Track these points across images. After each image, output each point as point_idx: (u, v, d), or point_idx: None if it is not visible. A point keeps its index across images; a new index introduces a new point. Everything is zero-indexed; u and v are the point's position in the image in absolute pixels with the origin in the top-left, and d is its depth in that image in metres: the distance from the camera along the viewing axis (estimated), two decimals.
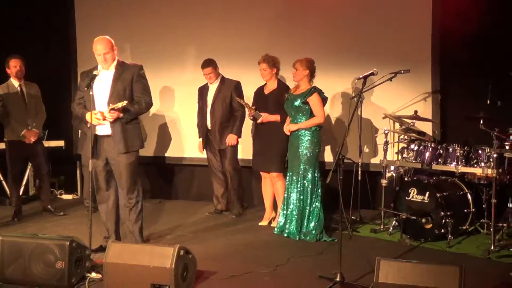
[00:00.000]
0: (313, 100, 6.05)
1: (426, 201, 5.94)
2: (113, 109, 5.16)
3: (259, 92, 6.79)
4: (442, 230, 5.78)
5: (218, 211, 7.32)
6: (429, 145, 6.12)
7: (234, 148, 7.08)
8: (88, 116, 5.22)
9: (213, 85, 7.11)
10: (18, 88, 7.02)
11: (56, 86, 7.56)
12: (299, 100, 6.09)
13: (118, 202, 5.53)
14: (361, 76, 5.31)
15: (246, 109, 6.74)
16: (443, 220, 5.76)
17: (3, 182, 8.09)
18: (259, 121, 6.55)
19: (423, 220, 5.84)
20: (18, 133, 6.92)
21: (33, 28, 8.31)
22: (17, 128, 6.92)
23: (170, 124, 8.30)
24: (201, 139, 7.27)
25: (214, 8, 7.98)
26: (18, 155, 7.07)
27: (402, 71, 6.37)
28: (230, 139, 6.98)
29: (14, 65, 6.97)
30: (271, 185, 6.67)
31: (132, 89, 5.38)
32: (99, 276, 4.60)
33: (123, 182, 5.41)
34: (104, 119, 5.19)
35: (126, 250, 4.49)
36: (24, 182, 8.14)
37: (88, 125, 5.28)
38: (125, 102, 5.16)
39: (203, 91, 7.22)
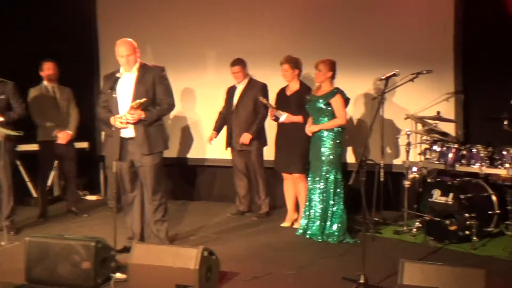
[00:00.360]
0: (336, 101, 6.04)
1: (450, 203, 5.90)
2: (132, 107, 5.20)
3: (281, 93, 6.79)
4: (466, 232, 5.73)
5: (240, 212, 7.33)
6: (452, 146, 6.09)
7: (259, 150, 7.08)
8: (112, 120, 5.28)
9: (240, 85, 7.13)
10: (51, 91, 7.17)
11: (79, 88, 7.62)
12: (322, 102, 6.08)
13: (143, 204, 5.58)
14: (383, 77, 5.29)
15: (269, 108, 6.75)
16: (467, 222, 5.71)
17: (28, 183, 8.19)
18: (281, 120, 6.55)
19: (447, 222, 5.81)
20: (50, 133, 7.04)
21: (58, 32, 8.39)
22: (50, 129, 7.04)
23: (192, 125, 8.33)
24: (214, 132, 7.34)
25: (234, 8, 7.98)
26: (50, 156, 7.20)
27: (425, 72, 6.34)
28: (244, 137, 6.99)
29: (47, 68, 7.15)
30: (293, 186, 6.67)
31: (155, 91, 5.41)
32: (124, 276, 4.64)
33: (148, 183, 5.46)
34: (127, 123, 5.24)
35: (150, 251, 4.54)
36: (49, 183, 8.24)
37: (113, 129, 5.33)
38: (144, 99, 5.20)
39: (230, 91, 7.24)
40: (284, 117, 6.51)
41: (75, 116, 7.31)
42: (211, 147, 7.94)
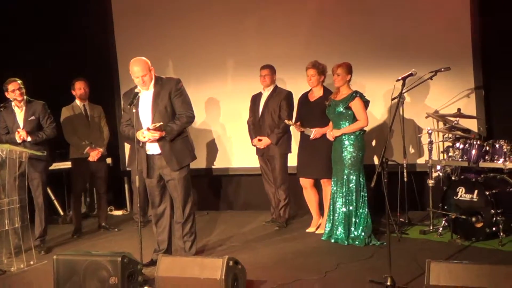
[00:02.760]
0: (356, 104, 6.03)
1: (475, 200, 5.84)
2: (152, 129, 5.25)
3: (304, 99, 6.73)
4: (494, 229, 5.68)
5: (274, 219, 7.21)
6: (475, 142, 6.03)
7: (283, 156, 7.01)
8: (137, 136, 5.30)
9: (265, 92, 7.08)
10: (82, 109, 7.29)
11: (101, 105, 7.73)
12: (341, 106, 6.07)
13: (171, 216, 5.61)
14: (399, 78, 5.27)
15: (295, 128, 6.70)
16: (494, 218, 5.65)
17: (55, 202, 8.29)
18: (312, 137, 6.48)
19: (473, 219, 5.75)
20: (82, 151, 7.15)
21: (77, 51, 8.52)
22: (81, 147, 7.16)
23: (216, 135, 8.37)
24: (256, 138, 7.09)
25: (249, 17, 8.03)
26: (82, 173, 7.30)
27: (443, 69, 6.29)
28: (264, 140, 6.95)
29: (78, 87, 7.28)
30: (313, 192, 6.67)
31: (173, 105, 5.42)
32: None
33: (177, 196, 5.49)
34: (149, 140, 5.30)
35: (176, 263, 4.57)
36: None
37: (141, 144, 5.38)
38: (160, 124, 5.23)
39: (256, 99, 7.20)
40: (313, 133, 6.46)
41: (106, 133, 7.45)
42: (235, 156, 7.97)
